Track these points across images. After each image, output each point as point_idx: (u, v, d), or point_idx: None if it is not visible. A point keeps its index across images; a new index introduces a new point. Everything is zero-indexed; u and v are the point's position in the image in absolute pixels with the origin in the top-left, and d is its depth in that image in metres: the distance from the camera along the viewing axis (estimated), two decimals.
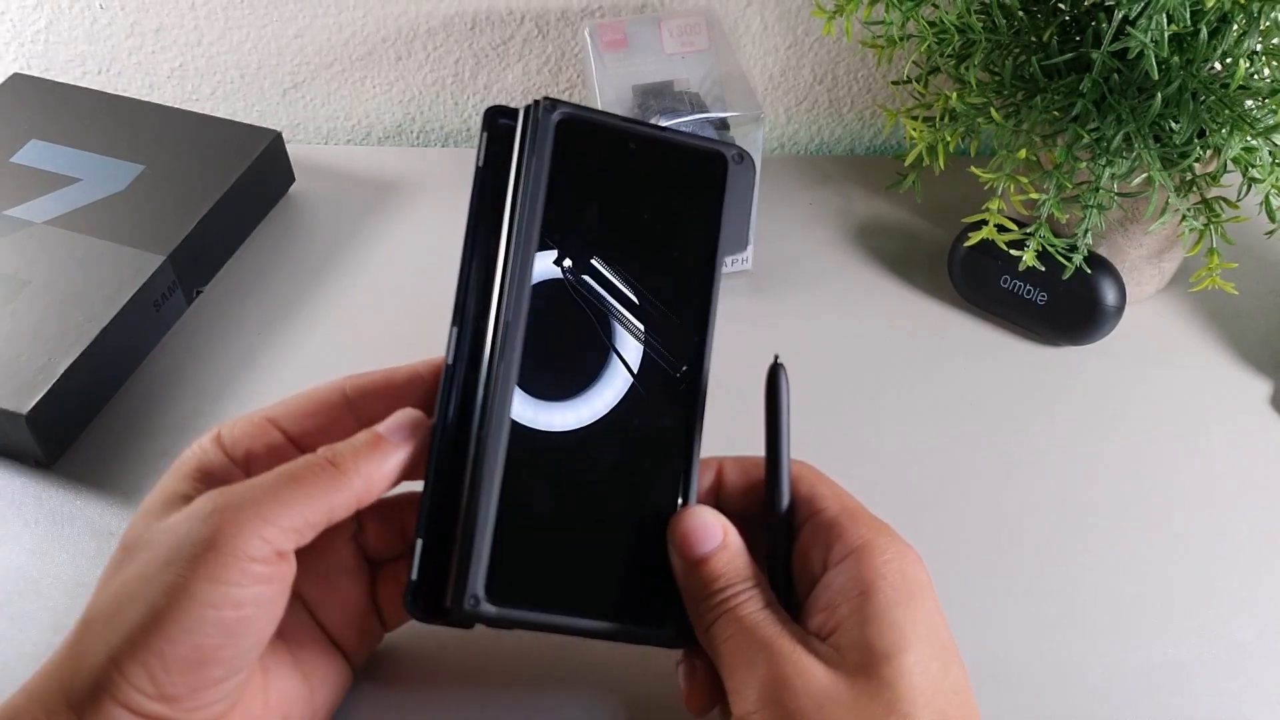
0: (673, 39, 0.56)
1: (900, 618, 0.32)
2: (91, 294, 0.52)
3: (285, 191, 0.63)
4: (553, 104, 0.36)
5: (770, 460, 0.36)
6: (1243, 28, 0.46)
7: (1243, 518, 0.48)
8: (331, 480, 0.33)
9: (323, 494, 0.33)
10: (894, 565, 0.34)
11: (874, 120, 0.70)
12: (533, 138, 0.36)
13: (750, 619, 0.33)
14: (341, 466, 0.33)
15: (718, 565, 0.34)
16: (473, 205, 0.37)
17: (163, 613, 0.31)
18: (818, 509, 0.36)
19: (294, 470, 0.33)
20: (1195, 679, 0.43)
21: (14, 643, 0.43)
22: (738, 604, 0.34)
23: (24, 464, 0.49)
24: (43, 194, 0.57)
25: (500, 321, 0.35)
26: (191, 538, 0.31)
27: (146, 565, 0.32)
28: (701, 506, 0.36)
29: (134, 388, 0.53)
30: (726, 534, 0.35)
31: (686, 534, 0.35)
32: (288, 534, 0.32)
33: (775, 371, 0.37)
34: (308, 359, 0.54)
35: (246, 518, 0.31)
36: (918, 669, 0.32)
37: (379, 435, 0.34)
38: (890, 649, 0.32)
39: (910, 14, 0.51)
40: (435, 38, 0.66)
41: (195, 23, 0.66)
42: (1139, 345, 0.55)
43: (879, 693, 0.31)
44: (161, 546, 0.32)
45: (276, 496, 0.32)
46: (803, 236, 0.61)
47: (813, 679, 0.31)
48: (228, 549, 0.31)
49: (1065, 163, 0.48)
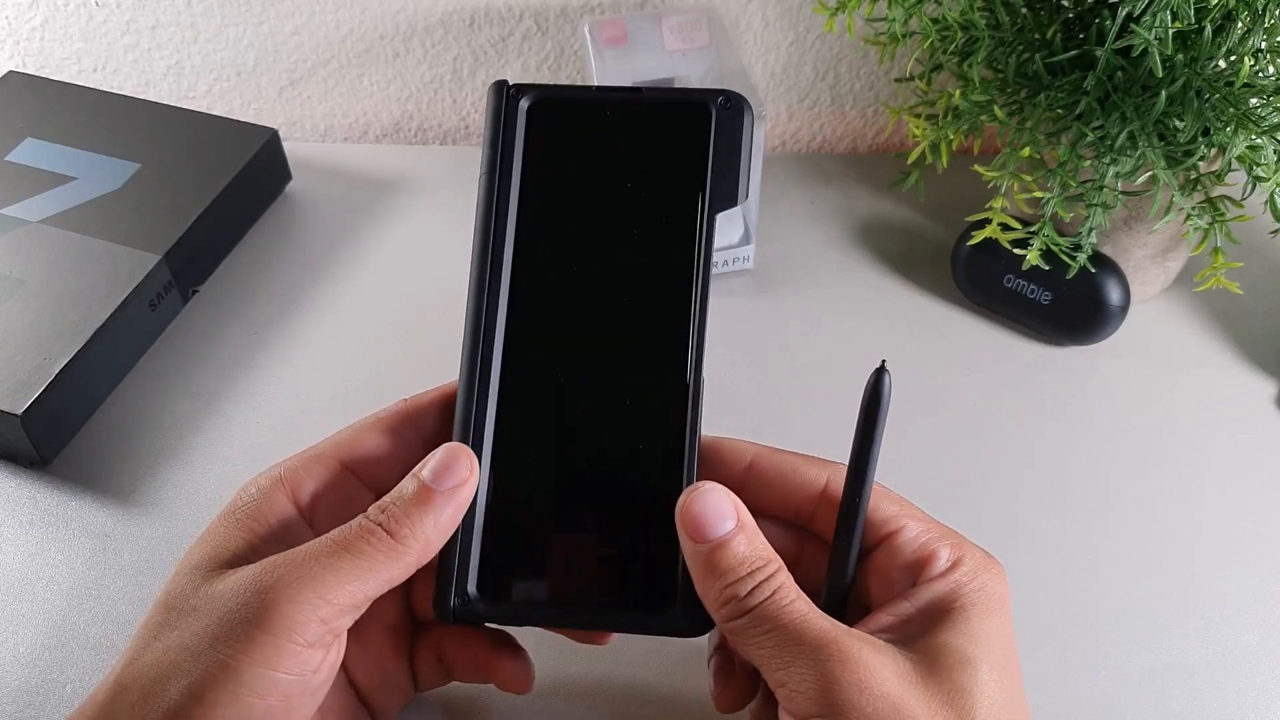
0: (673, 36, 0.56)
1: (979, 628, 0.31)
2: (87, 293, 0.51)
3: (282, 190, 0.63)
4: (519, 89, 0.36)
5: (855, 476, 0.34)
6: (1247, 25, 0.46)
7: (1247, 518, 0.48)
8: (389, 551, 0.31)
9: (381, 567, 0.31)
10: (980, 585, 0.33)
11: (876, 118, 0.69)
12: (505, 126, 0.36)
13: (792, 611, 0.31)
14: (397, 535, 0.31)
15: (737, 550, 0.31)
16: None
17: (205, 695, 0.29)
18: (895, 529, 0.34)
19: (349, 540, 0.31)
20: (1200, 681, 0.42)
21: (8, 646, 0.43)
22: (772, 594, 0.31)
23: (19, 465, 0.49)
24: (38, 192, 0.56)
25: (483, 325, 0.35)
26: (243, 615, 0.29)
27: (192, 638, 0.30)
28: (711, 484, 0.33)
29: (130, 388, 0.52)
30: (739, 514, 0.32)
31: (697, 516, 0.32)
32: (344, 612, 0.30)
33: (879, 378, 0.33)
34: (305, 358, 0.54)
35: (304, 597, 0.29)
36: (991, 680, 0.30)
37: (428, 489, 0.32)
38: (969, 656, 0.31)
39: (913, 10, 0.50)
40: (433, 34, 0.66)
41: (191, 20, 0.66)
42: (1143, 345, 0.55)
43: (952, 698, 0.30)
44: (208, 618, 0.30)
45: (336, 571, 0.30)
46: (804, 235, 0.61)
47: (885, 680, 0.30)
48: (282, 632, 0.29)
49: (1069, 161, 0.48)
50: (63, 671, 0.42)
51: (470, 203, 0.37)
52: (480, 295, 0.36)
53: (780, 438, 0.41)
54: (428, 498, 0.32)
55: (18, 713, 0.41)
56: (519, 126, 0.36)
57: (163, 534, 0.47)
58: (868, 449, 0.33)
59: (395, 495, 0.32)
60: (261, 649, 0.29)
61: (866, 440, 0.33)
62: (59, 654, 0.43)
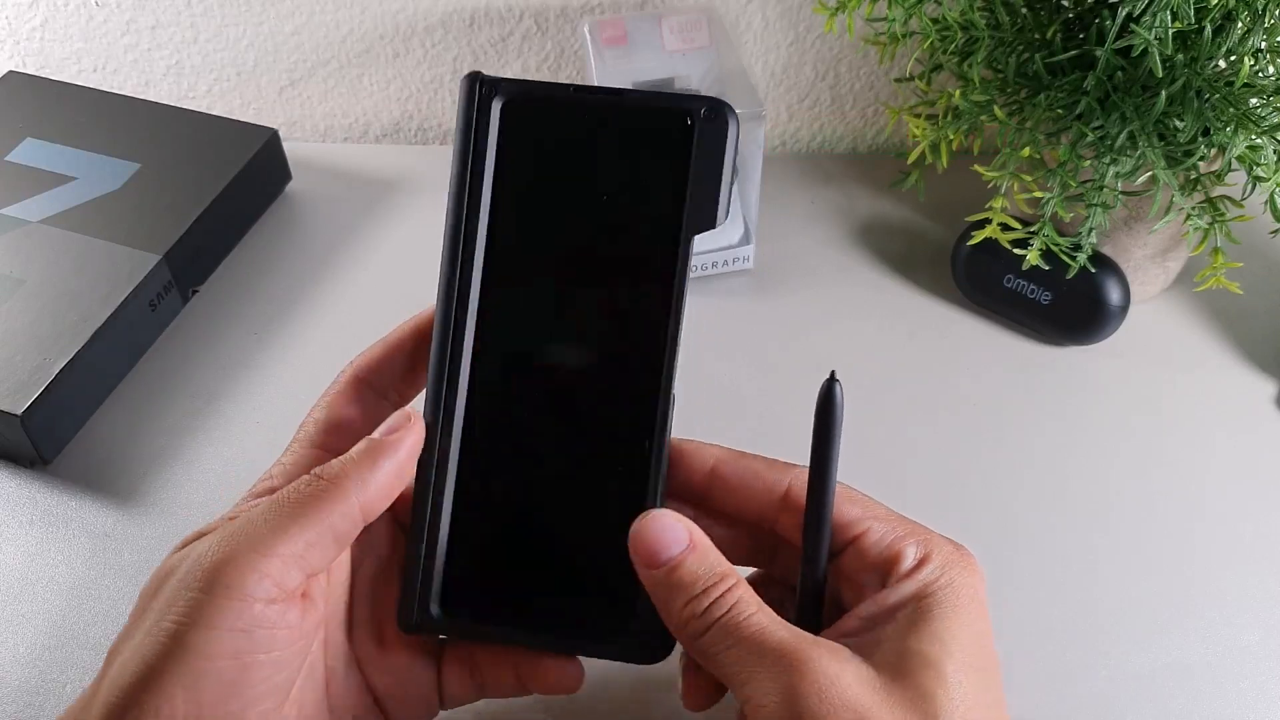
0: (673, 36, 0.56)
1: (943, 628, 0.31)
2: (87, 293, 0.51)
3: (282, 190, 0.63)
4: (492, 86, 0.34)
5: (816, 485, 0.33)
6: (1247, 25, 0.46)
7: (1247, 518, 0.48)
8: (325, 495, 0.31)
9: (318, 512, 0.31)
10: (947, 577, 0.32)
11: (876, 118, 0.69)
12: (478, 126, 0.34)
13: (751, 625, 0.31)
14: (333, 479, 0.31)
15: (690, 569, 0.32)
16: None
17: (157, 665, 0.28)
18: (860, 531, 0.34)
19: (286, 495, 0.31)
20: (1200, 681, 0.42)
21: (8, 646, 0.43)
22: (729, 609, 0.31)
23: (19, 465, 0.49)
24: (38, 192, 0.56)
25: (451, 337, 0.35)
26: (188, 580, 0.30)
27: (151, 614, 0.30)
28: (659, 511, 0.33)
29: (130, 388, 0.52)
30: (692, 534, 0.32)
31: (647, 542, 0.32)
32: (290, 564, 0.30)
33: (830, 387, 0.33)
34: (305, 359, 0.54)
35: (242, 552, 0.29)
36: (956, 680, 0.30)
37: (372, 439, 0.33)
38: (934, 658, 0.30)
39: (913, 11, 0.50)
40: (433, 34, 0.66)
41: (191, 20, 0.66)
42: (1143, 345, 0.55)
43: (917, 703, 0.29)
44: (164, 592, 0.30)
45: (272, 525, 0.30)
46: (804, 235, 0.61)
47: (847, 686, 0.29)
48: (221, 590, 0.29)
49: (1069, 161, 0.48)
50: (63, 671, 0.42)
51: None
52: (448, 308, 0.34)
53: (779, 437, 0.41)
54: (370, 448, 0.32)
55: (18, 713, 0.41)
56: (492, 127, 0.34)
57: (163, 534, 0.47)
58: (826, 458, 0.33)
59: (343, 455, 0.33)
60: (203, 610, 0.29)
61: (824, 449, 0.33)
62: (59, 654, 0.43)
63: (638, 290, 0.34)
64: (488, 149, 0.34)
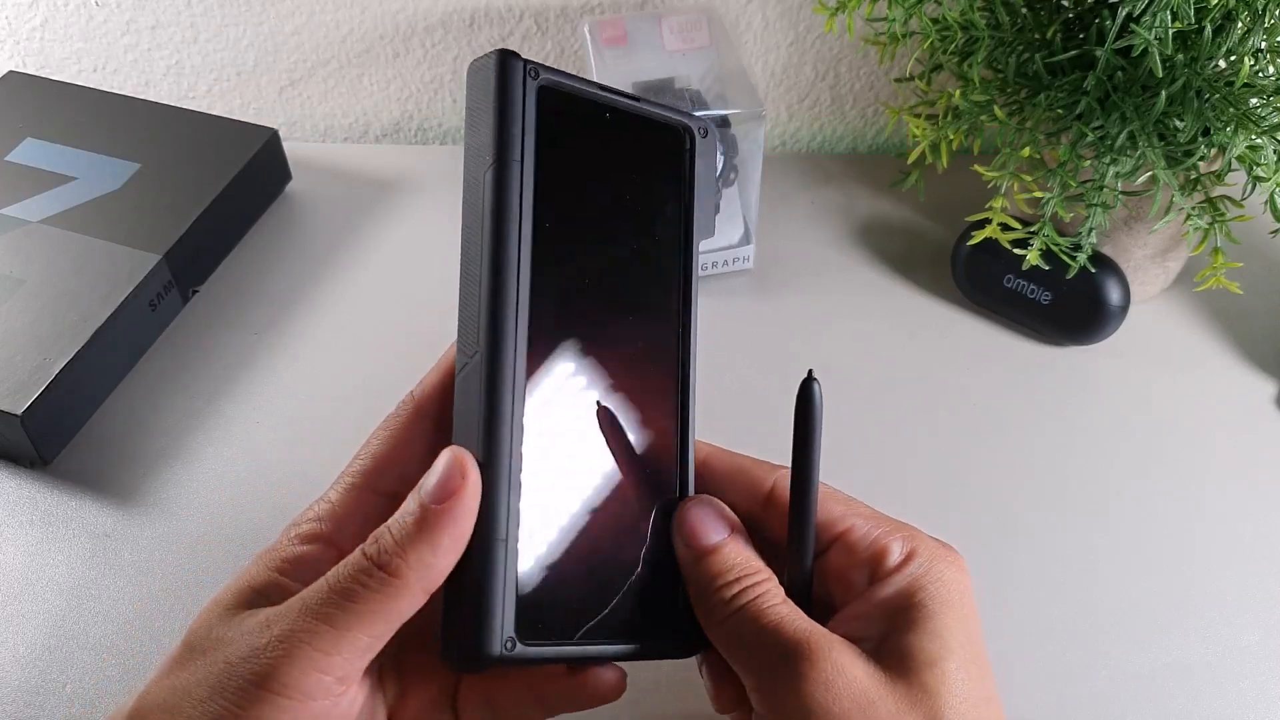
0: (673, 36, 0.56)
1: (941, 625, 0.31)
2: (87, 293, 0.51)
3: (282, 190, 0.63)
4: (531, 67, 0.31)
5: (798, 481, 0.34)
6: (1247, 25, 0.46)
7: (1247, 518, 0.48)
8: (385, 590, 0.29)
9: (381, 608, 0.29)
10: (937, 574, 0.33)
11: (876, 118, 0.69)
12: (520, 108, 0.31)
13: (773, 613, 0.31)
14: (392, 568, 0.29)
15: (729, 555, 0.33)
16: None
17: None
18: (845, 528, 0.34)
19: (343, 584, 0.29)
20: (1200, 681, 0.42)
21: (8, 646, 0.43)
22: (756, 597, 0.32)
23: (19, 465, 0.49)
24: (38, 192, 0.56)
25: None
26: (243, 670, 0.28)
27: (196, 684, 0.29)
28: (708, 497, 0.34)
29: (130, 388, 0.52)
30: (734, 526, 0.34)
31: (694, 524, 0.33)
32: (350, 660, 0.29)
33: (808, 386, 0.33)
34: (305, 359, 0.54)
35: (302, 653, 0.28)
36: (958, 677, 0.31)
37: (425, 509, 0.29)
38: (934, 656, 0.31)
39: (913, 11, 0.50)
40: (433, 34, 0.66)
41: (191, 20, 0.66)
42: (1143, 345, 0.55)
43: (920, 700, 0.30)
44: (214, 666, 0.29)
45: (332, 623, 0.28)
46: (804, 235, 0.61)
47: (854, 679, 0.30)
48: (279, 688, 0.28)
49: (1069, 161, 0.48)
50: (63, 671, 0.42)
51: None
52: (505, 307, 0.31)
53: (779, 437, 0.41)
54: (425, 521, 0.29)
55: (17, 713, 0.41)
56: (530, 112, 0.31)
57: (163, 534, 0.47)
58: (807, 455, 0.33)
59: (395, 520, 0.30)
60: (258, 705, 0.28)
61: (805, 447, 0.33)
62: (59, 654, 0.43)
63: (661, 292, 0.35)
64: (526, 132, 0.31)
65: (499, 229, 0.31)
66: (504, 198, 0.31)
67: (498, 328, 0.31)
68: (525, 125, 0.31)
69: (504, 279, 0.31)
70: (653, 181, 0.35)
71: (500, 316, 0.31)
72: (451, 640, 0.30)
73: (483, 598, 0.30)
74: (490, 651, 0.30)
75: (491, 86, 0.31)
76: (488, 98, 0.31)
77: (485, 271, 0.31)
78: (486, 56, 0.31)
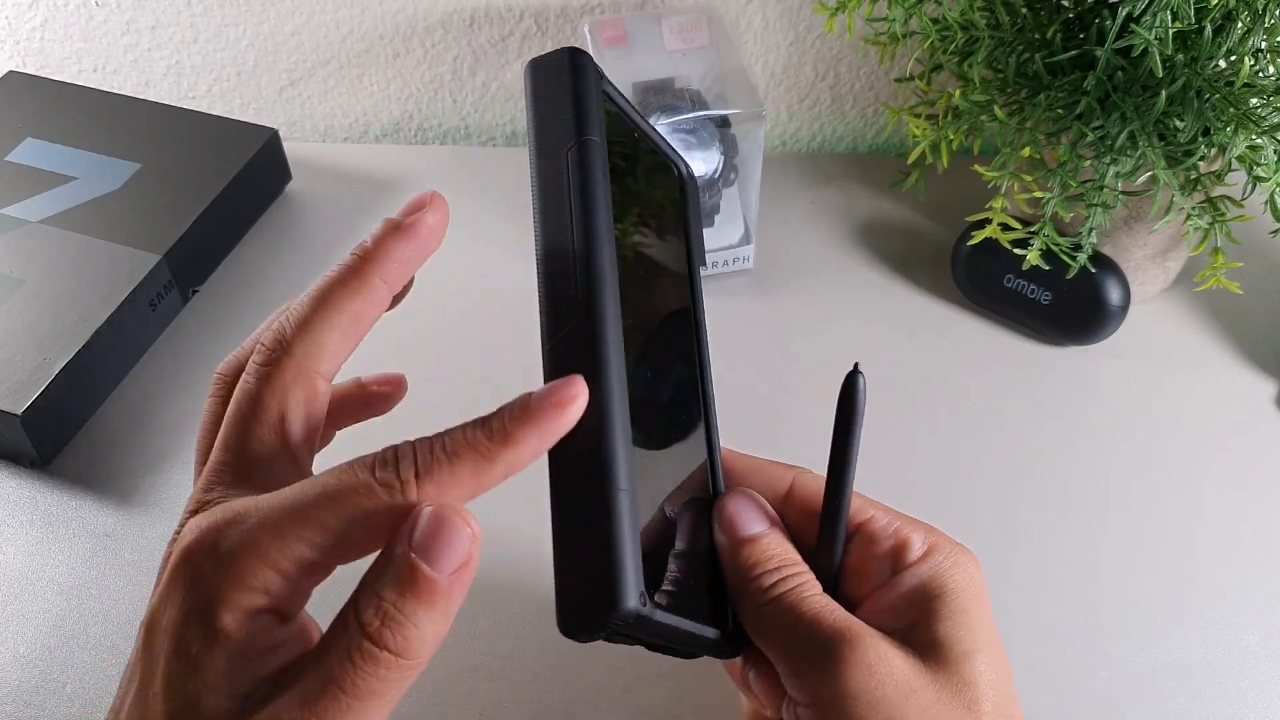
0: (673, 36, 0.56)
1: (972, 618, 0.32)
2: (86, 293, 0.51)
3: (282, 190, 0.63)
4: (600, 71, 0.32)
5: (835, 474, 0.34)
6: (1247, 25, 0.46)
7: (1247, 518, 0.48)
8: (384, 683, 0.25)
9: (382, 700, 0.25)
10: (961, 568, 0.33)
11: (876, 118, 0.69)
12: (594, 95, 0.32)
13: (812, 603, 0.32)
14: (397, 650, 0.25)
15: (769, 545, 0.33)
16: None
17: None
18: (865, 518, 0.35)
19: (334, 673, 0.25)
20: (1200, 681, 0.42)
21: (8, 645, 0.43)
22: (795, 587, 0.32)
23: (19, 464, 0.49)
24: (38, 192, 0.56)
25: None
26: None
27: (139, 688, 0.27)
28: (746, 489, 0.35)
29: (129, 388, 0.52)
30: (773, 520, 0.34)
31: (735, 513, 0.34)
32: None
33: (852, 379, 0.33)
34: None
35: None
36: (989, 671, 0.31)
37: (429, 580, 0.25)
38: (969, 648, 0.31)
39: (913, 11, 0.50)
40: (433, 34, 0.66)
41: (191, 20, 0.66)
42: (1143, 345, 0.55)
43: (960, 691, 0.31)
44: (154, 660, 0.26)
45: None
46: (804, 235, 0.61)
47: (897, 667, 0.30)
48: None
49: (1069, 161, 0.48)
50: (63, 671, 0.42)
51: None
52: (604, 273, 0.30)
53: (779, 437, 0.41)
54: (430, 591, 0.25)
55: (17, 713, 0.41)
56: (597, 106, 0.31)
57: (163, 534, 0.47)
58: (847, 451, 0.34)
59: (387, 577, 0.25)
60: None
61: (845, 442, 0.34)
62: (59, 654, 0.43)
63: (679, 296, 0.36)
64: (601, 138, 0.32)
65: (590, 203, 0.31)
66: (592, 173, 0.31)
67: (598, 290, 0.30)
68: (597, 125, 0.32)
69: (599, 248, 0.30)
70: (663, 203, 0.37)
71: (601, 281, 0.30)
72: (575, 601, 0.27)
73: (614, 549, 0.27)
74: (627, 605, 0.27)
75: (567, 76, 0.32)
76: (564, 87, 0.32)
77: (578, 243, 0.30)
78: (558, 52, 0.32)
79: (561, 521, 0.28)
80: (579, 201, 0.31)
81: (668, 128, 0.53)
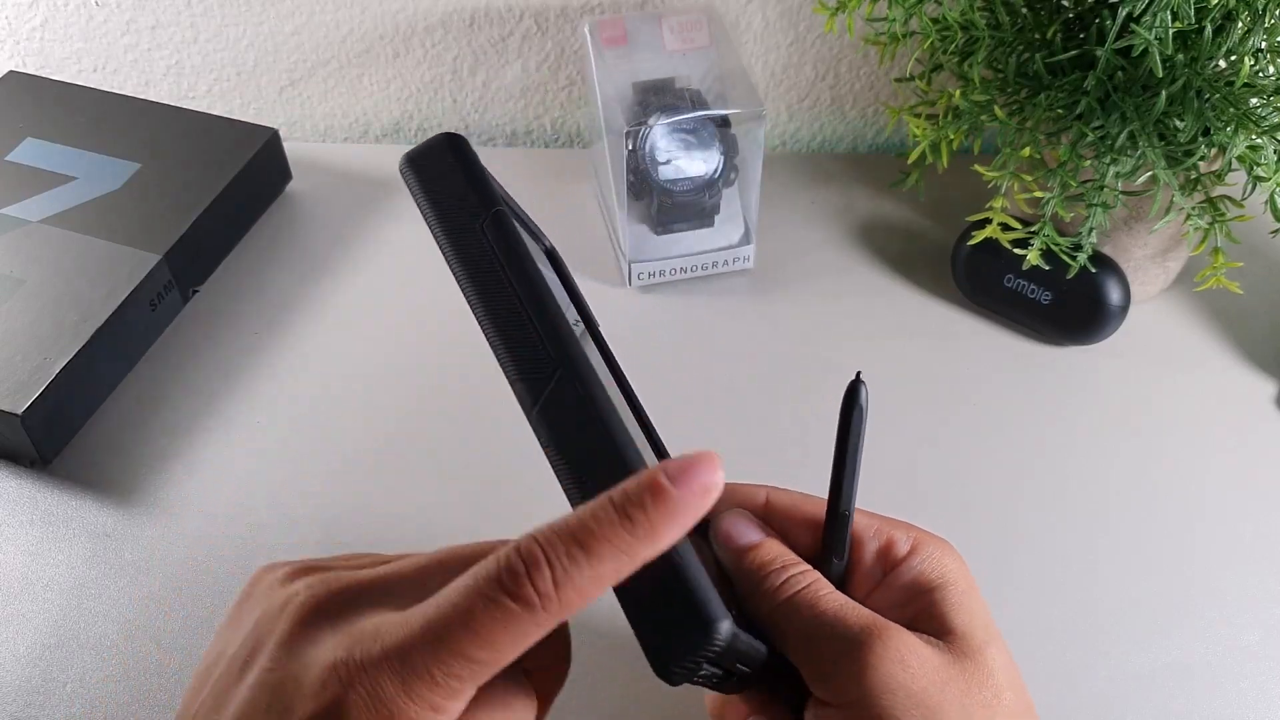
0: (673, 36, 0.56)
1: (977, 608, 0.33)
2: (87, 293, 0.51)
3: (282, 190, 0.63)
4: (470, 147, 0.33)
5: (837, 479, 0.34)
6: (1247, 25, 0.46)
7: (1247, 518, 0.48)
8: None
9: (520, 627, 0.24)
10: (950, 558, 0.34)
11: (876, 118, 0.69)
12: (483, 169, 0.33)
13: (830, 600, 0.32)
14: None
15: (769, 548, 0.34)
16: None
17: None
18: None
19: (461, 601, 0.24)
20: (1200, 681, 0.42)
21: (8, 646, 0.43)
22: (807, 586, 0.33)
23: (19, 464, 0.49)
24: (38, 192, 0.56)
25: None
26: None
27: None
28: (738, 510, 0.35)
29: (130, 388, 0.52)
30: (766, 532, 0.35)
31: (730, 528, 0.35)
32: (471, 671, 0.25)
33: (854, 389, 0.34)
34: (305, 359, 0.54)
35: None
36: (1003, 658, 0.32)
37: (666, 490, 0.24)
38: (985, 637, 0.32)
39: (913, 10, 0.50)
40: (433, 34, 0.66)
41: (191, 20, 0.66)
42: (1143, 345, 0.55)
43: (986, 678, 0.31)
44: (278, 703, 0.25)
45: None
46: (804, 235, 0.61)
47: (927, 658, 0.31)
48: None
49: (1069, 161, 0.48)
50: (63, 671, 0.42)
51: None
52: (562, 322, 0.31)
53: (779, 437, 0.41)
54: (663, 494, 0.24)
55: (18, 713, 0.41)
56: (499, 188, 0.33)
57: (163, 534, 0.47)
58: (851, 458, 0.34)
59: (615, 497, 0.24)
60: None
61: (848, 450, 0.34)
62: (59, 654, 0.43)
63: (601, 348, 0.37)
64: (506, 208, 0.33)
65: (520, 262, 0.31)
66: (517, 238, 0.32)
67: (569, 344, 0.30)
68: (496, 187, 0.33)
69: (551, 307, 0.31)
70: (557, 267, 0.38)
71: (567, 335, 0.30)
72: (665, 639, 0.27)
73: (690, 578, 0.27)
74: (722, 627, 0.27)
75: (453, 159, 0.32)
76: (454, 170, 0.32)
77: (531, 307, 0.31)
78: (435, 139, 0.33)
79: None
80: (515, 268, 0.31)
81: (668, 128, 0.53)
